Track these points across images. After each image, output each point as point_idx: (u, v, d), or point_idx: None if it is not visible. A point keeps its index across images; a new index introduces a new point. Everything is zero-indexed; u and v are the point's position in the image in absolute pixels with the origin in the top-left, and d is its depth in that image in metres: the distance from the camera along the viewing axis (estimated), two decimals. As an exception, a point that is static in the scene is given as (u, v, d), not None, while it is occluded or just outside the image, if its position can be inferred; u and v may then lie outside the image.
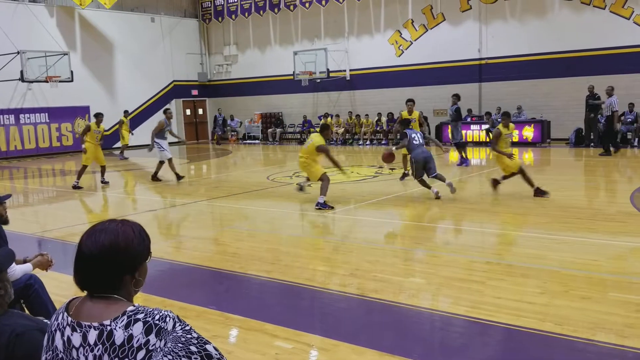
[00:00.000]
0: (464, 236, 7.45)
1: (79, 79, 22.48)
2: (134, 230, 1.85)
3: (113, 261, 1.77)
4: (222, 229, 8.70)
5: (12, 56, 20.20)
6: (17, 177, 17.07)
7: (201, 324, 4.53)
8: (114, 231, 1.80)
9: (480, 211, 9.00)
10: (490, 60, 20.61)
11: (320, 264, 6.37)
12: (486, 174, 13.13)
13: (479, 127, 20.19)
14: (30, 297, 3.94)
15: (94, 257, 1.77)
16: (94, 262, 1.77)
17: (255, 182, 13.57)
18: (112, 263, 1.77)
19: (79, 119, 23.98)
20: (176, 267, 6.56)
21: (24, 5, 22.24)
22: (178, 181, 13.67)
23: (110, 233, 1.79)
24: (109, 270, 1.78)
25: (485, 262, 6.08)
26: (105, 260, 1.77)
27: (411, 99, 12.96)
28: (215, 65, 28.99)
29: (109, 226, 1.82)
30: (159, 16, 26.98)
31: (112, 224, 1.83)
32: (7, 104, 21.83)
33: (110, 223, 1.84)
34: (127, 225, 1.85)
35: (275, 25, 26.39)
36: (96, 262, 1.77)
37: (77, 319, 1.77)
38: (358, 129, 23.28)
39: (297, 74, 23.71)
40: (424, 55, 21.93)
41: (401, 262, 6.34)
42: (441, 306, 4.90)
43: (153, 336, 1.68)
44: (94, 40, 24.54)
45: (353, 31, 24.01)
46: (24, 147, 22.36)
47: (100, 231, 1.80)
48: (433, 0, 21.64)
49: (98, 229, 1.82)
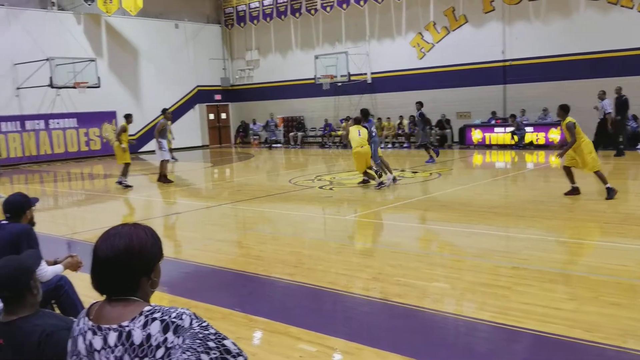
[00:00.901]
0: (489, 240, 7.38)
1: (106, 85, 22.85)
2: (147, 232, 1.88)
3: (129, 264, 1.80)
4: (246, 232, 8.76)
5: (41, 63, 20.62)
6: (46, 181, 17.40)
7: (226, 326, 4.57)
8: (127, 234, 1.83)
9: (506, 215, 8.90)
10: (514, 62, 20.40)
11: (343, 267, 6.37)
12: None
13: (504, 129, 19.99)
14: (61, 298, 4.02)
15: (110, 261, 1.79)
16: (111, 266, 1.79)
17: (277, 185, 13.63)
18: (128, 266, 1.80)
19: (106, 124, 24.37)
20: (201, 269, 6.62)
21: (53, 13, 22.71)
22: (164, 183, 14.11)
23: (124, 236, 1.82)
24: (125, 273, 1.81)
25: (511, 267, 6.02)
26: (122, 263, 1.79)
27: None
28: (238, 70, 29.21)
29: (122, 230, 1.85)
30: (182, 22, 27.30)
31: (125, 228, 1.86)
32: (37, 109, 22.28)
33: (123, 227, 1.87)
34: (139, 228, 1.88)
35: (297, 29, 26.50)
36: (112, 265, 1.79)
37: (97, 322, 1.80)
38: (380, 132, 23.22)
39: (318, 78, 23.75)
40: (446, 57, 21.79)
41: (425, 267, 6.30)
42: (466, 311, 4.86)
43: (171, 334, 1.70)
44: (120, 46, 24.93)
45: (374, 34, 23.99)
46: (53, 152, 22.79)
47: (114, 235, 1.83)
48: (455, 2, 21.51)
49: (112, 233, 1.85)
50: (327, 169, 17.12)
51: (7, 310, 2.62)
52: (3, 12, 21.19)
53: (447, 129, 21.51)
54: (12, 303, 2.61)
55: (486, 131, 20.51)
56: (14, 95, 21.58)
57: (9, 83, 21.35)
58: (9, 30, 21.29)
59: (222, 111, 29.45)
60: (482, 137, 20.57)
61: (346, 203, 10.95)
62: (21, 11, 21.73)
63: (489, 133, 20.44)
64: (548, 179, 13.45)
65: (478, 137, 20.63)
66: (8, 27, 21.28)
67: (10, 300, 2.61)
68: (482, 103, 21.16)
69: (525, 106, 19.86)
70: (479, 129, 20.69)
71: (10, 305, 2.61)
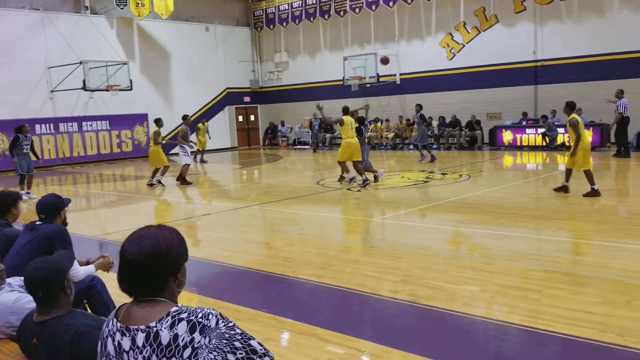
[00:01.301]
0: (519, 243, 7.27)
1: (138, 88, 23.22)
2: (172, 233, 1.90)
3: (156, 265, 1.82)
4: (274, 233, 8.80)
5: (75, 66, 21.07)
6: (79, 182, 17.77)
7: (254, 327, 4.60)
8: (154, 236, 1.85)
9: (537, 217, 8.76)
10: (546, 62, 20.08)
11: (371, 269, 6.35)
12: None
13: (535, 130, 19.69)
14: (93, 298, 4.09)
15: (138, 262, 1.82)
16: (138, 267, 1.82)
17: (305, 187, 13.66)
18: (155, 267, 1.82)
19: (138, 126, 24.77)
20: (230, 270, 6.68)
21: (86, 17, 23.19)
22: (182, 185, 14.61)
23: (150, 238, 1.84)
24: (152, 274, 1.83)
25: (542, 270, 5.92)
26: (149, 264, 1.81)
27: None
28: (267, 72, 29.39)
29: (148, 231, 1.87)
30: (213, 25, 27.60)
31: (151, 229, 1.89)
32: (70, 112, 22.77)
33: (149, 229, 1.89)
34: (164, 229, 1.90)
35: (326, 31, 26.54)
36: (140, 267, 1.82)
37: (126, 323, 1.83)
38: (408, 134, 23.08)
39: (346, 79, 23.74)
40: (476, 58, 21.57)
41: (454, 269, 6.24)
42: (496, 315, 4.80)
43: (197, 334, 1.72)
44: (151, 49, 25.33)
45: (403, 35, 23.87)
46: (86, 153, 23.25)
47: (140, 237, 1.86)
48: (486, 2, 21.27)
49: (138, 235, 1.87)
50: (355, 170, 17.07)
51: (41, 310, 2.67)
52: (38, 16, 21.72)
53: (477, 130, 21.27)
54: (46, 303, 2.66)
55: (517, 132, 20.23)
56: (48, 98, 22.11)
57: (43, 86, 21.89)
58: (44, 34, 21.82)
59: (251, 113, 29.66)
60: (512, 138, 20.30)
61: (374, 205, 10.91)
62: (56, 15, 22.25)
63: (519, 134, 20.15)
64: (580, 180, 13.16)
65: (509, 139, 20.35)
66: (43, 31, 21.81)
67: (44, 300, 2.65)
68: (513, 104, 20.89)
69: (557, 107, 19.47)
70: (510, 130, 20.41)
71: (44, 305, 2.66)
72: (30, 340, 2.66)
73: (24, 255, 3.97)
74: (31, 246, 4.07)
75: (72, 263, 3.90)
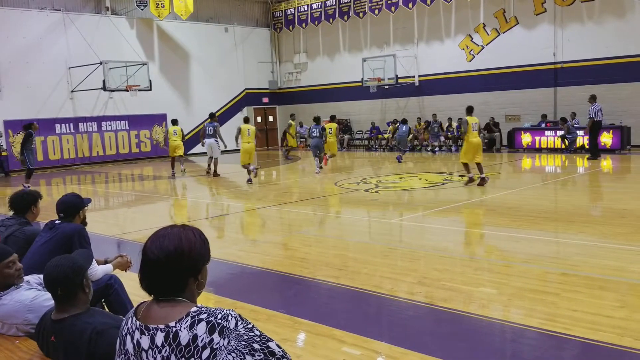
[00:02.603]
0: (538, 246, 7.20)
1: (157, 88, 23.43)
2: (195, 234, 1.90)
3: (178, 265, 1.82)
4: (291, 234, 8.81)
5: (95, 66, 21.32)
6: (98, 182, 17.96)
7: (271, 327, 4.61)
8: (177, 235, 1.86)
9: (556, 220, 8.67)
10: (566, 64, 19.86)
11: (388, 271, 6.33)
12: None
13: (554, 133, 19.48)
14: (110, 297, 4.12)
15: (159, 261, 1.82)
16: (160, 267, 1.82)
17: (323, 188, 13.66)
18: (177, 267, 1.83)
19: (157, 126, 24.98)
20: (247, 270, 6.70)
21: (107, 18, 23.45)
22: (214, 177, 16.22)
23: (173, 238, 1.85)
24: (174, 274, 1.83)
25: (560, 273, 5.86)
26: (171, 264, 1.82)
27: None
28: (286, 73, 29.46)
29: (171, 231, 1.88)
30: (232, 26, 27.74)
31: (175, 229, 1.89)
32: (90, 111, 23.05)
33: (172, 228, 1.90)
34: (188, 229, 1.91)
35: (345, 32, 26.53)
36: (162, 266, 1.82)
37: (145, 322, 1.83)
38: (427, 135, 22.98)
39: (365, 81, 23.72)
40: (496, 59, 21.41)
41: (471, 271, 6.20)
42: (513, 317, 4.76)
43: (216, 335, 1.72)
44: (171, 50, 25.53)
45: (422, 37, 23.78)
46: (105, 153, 23.51)
47: (163, 236, 1.86)
48: (506, 4, 21.10)
49: (161, 234, 1.87)
50: (373, 172, 17.06)
51: (59, 307, 2.70)
52: (59, 17, 22.02)
53: (496, 132, 21.11)
54: (65, 301, 2.68)
55: (536, 134, 20.04)
56: (68, 97, 22.39)
57: (64, 86, 22.18)
58: (65, 34, 22.11)
59: (270, 114, 29.75)
60: (531, 140, 20.11)
61: (392, 206, 10.88)
62: (77, 16, 22.53)
63: (538, 136, 19.96)
64: (600, 183, 13.02)
65: (527, 141, 20.17)
66: (64, 32, 22.10)
67: (63, 298, 2.68)
68: (532, 106, 20.70)
69: (576, 109, 19.28)
70: (529, 132, 20.23)
71: (63, 303, 2.69)
72: (48, 338, 2.69)
73: (43, 253, 4.01)
74: (50, 245, 4.11)
75: (90, 262, 3.94)
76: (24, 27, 21.08)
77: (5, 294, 3.17)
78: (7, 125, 20.71)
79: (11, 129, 20.76)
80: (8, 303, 3.15)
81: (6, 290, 3.19)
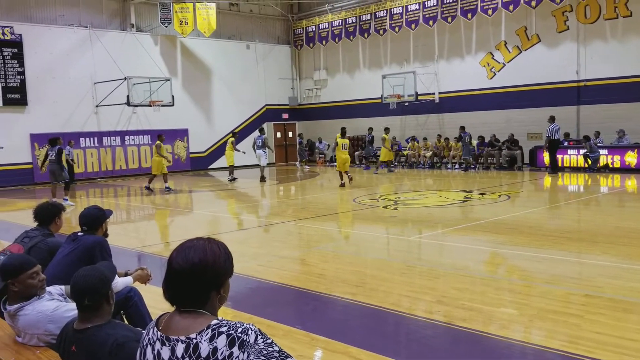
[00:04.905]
0: (560, 266, 7.09)
1: (179, 103, 23.74)
2: (220, 247, 1.92)
3: (201, 277, 1.84)
4: (309, 250, 8.80)
5: (119, 82, 21.69)
6: (120, 195, 18.18)
7: (287, 343, 4.60)
8: (202, 248, 1.88)
9: (579, 240, 8.54)
10: (589, 82, 19.67)
11: (406, 289, 6.28)
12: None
13: (577, 152, 19.26)
14: (130, 309, 4.15)
15: (184, 273, 1.84)
16: (184, 278, 1.84)
17: (341, 204, 13.65)
18: (201, 279, 1.85)
19: (179, 141, 25.26)
20: (264, 285, 6.70)
21: (132, 35, 23.89)
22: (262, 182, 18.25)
23: (199, 250, 1.87)
24: (197, 286, 1.85)
25: (583, 295, 5.76)
26: (195, 276, 1.84)
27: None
28: (306, 90, 29.65)
29: (197, 243, 1.90)
30: (254, 43, 28.07)
31: (200, 242, 1.91)
32: (114, 126, 23.41)
33: (198, 240, 1.92)
34: (213, 243, 1.93)
35: (365, 49, 26.66)
36: (186, 278, 1.84)
37: (166, 333, 1.85)
38: (447, 152, 22.87)
39: (385, 97, 23.76)
40: (517, 77, 21.30)
41: (491, 291, 6.12)
42: (534, 339, 4.68)
43: (236, 348, 1.73)
44: (193, 66, 25.89)
45: (443, 54, 23.78)
46: (127, 167, 23.81)
47: (189, 248, 1.88)
48: (528, 22, 21.04)
49: (187, 246, 1.90)
50: (392, 188, 17.01)
51: (83, 317, 2.73)
52: (86, 33, 22.50)
53: (516, 149, 20.93)
54: (90, 311, 2.72)
55: (558, 153, 19.80)
56: (93, 112, 22.79)
57: (89, 101, 22.60)
58: (91, 50, 22.57)
59: (289, 130, 29.90)
60: (554, 159, 19.85)
61: (411, 223, 10.83)
62: (103, 33, 23.00)
63: (561, 155, 19.74)
64: (624, 203, 12.82)
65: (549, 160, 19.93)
66: (90, 48, 22.56)
67: (89, 308, 2.71)
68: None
69: (600, 128, 19.06)
70: (551, 150, 19.97)
71: (87, 313, 2.72)
72: (69, 348, 2.72)
73: (65, 265, 4.07)
74: (72, 256, 4.17)
75: (114, 274, 3.98)
76: (51, 43, 21.57)
77: (27, 304, 3.21)
78: (33, 138, 21.11)
79: (37, 142, 21.15)
80: (30, 313, 3.19)
81: (28, 300, 3.23)
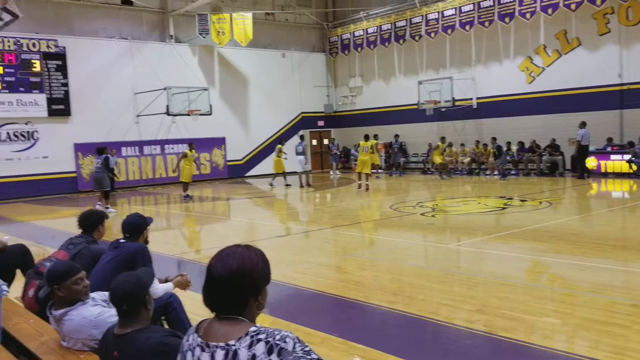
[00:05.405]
0: (604, 275, 6.89)
1: (217, 112, 24.10)
2: (257, 255, 1.94)
3: (239, 283, 1.86)
4: (346, 257, 8.78)
5: (159, 92, 22.15)
6: (160, 203, 18.51)
7: (325, 351, 4.58)
8: (240, 255, 1.90)
9: (623, 248, 8.29)
10: (632, 85, 19.13)
11: (445, 297, 6.20)
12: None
13: (621, 157, 18.72)
14: (170, 315, 4.21)
15: (223, 279, 1.86)
16: (223, 285, 1.86)
17: (378, 211, 13.58)
18: (239, 286, 1.86)
19: (216, 149, 25.61)
20: (302, 292, 6.71)
21: (171, 46, 24.40)
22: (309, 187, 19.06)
23: (237, 257, 1.89)
24: (235, 293, 1.87)
25: (630, 304, 5.58)
26: (233, 282, 1.86)
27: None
28: (341, 97, 29.70)
29: (235, 250, 1.92)
30: (289, 52, 28.29)
31: (239, 249, 1.93)
32: (154, 135, 23.90)
33: (236, 248, 1.94)
34: (251, 250, 1.94)
35: (400, 56, 26.54)
36: (224, 284, 1.86)
37: (206, 339, 1.87)
38: (485, 159, 22.52)
39: (421, 104, 23.58)
40: (557, 81, 20.86)
41: (533, 300, 5.98)
42: (578, 350, 4.55)
43: (274, 356, 1.74)
44: (230, 75, 26.25)
45: (480, 59, 23.49)
46: (167, 175, 24.24)
47: (227, 255, 1.90)
48: (567, 25, 20.61)
49: (225, 253, 1.92)
50: (429, 195, 16.85)
51: (123, 322, 2.79)
52: (127, 45, 23.07)
53: (558, 155, 20.48)
54: (128, 316, 2.77)
55: (601, 158, 19.31)
56: (134, 122, 23.31)
57: (130, 111, 23.13)
58: (132, 62, 23.13)
59: (325, 137, 29.98)
60: (596, 164, 19.37)
61: (449, 231, 10.70)
62: (143, 44, 23.55)
63: (604, 160, 19.22)
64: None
65: (592, 165, 19.44)
66: (131, 60, 23.12)
67: (127, 313, 2.77)
68: (597, 129, 19.92)
69: (645, 132, 18.50)
70: (594, 156, 19.50)
71: (126, 318, 2.78)
72: (111, 353, 2.78)
73: (108, 271, 4.16)
74: (114, 263, 4.27)
75: (152, 279, 4.05)
76: (93, 55, 22.18)
77: (72, 309, 3.29)
78: (77, 148, 21.70)
79: (81, 151, 21.74)
80: (75, 318, 3.27)
81: (73, 305, 3.31)
